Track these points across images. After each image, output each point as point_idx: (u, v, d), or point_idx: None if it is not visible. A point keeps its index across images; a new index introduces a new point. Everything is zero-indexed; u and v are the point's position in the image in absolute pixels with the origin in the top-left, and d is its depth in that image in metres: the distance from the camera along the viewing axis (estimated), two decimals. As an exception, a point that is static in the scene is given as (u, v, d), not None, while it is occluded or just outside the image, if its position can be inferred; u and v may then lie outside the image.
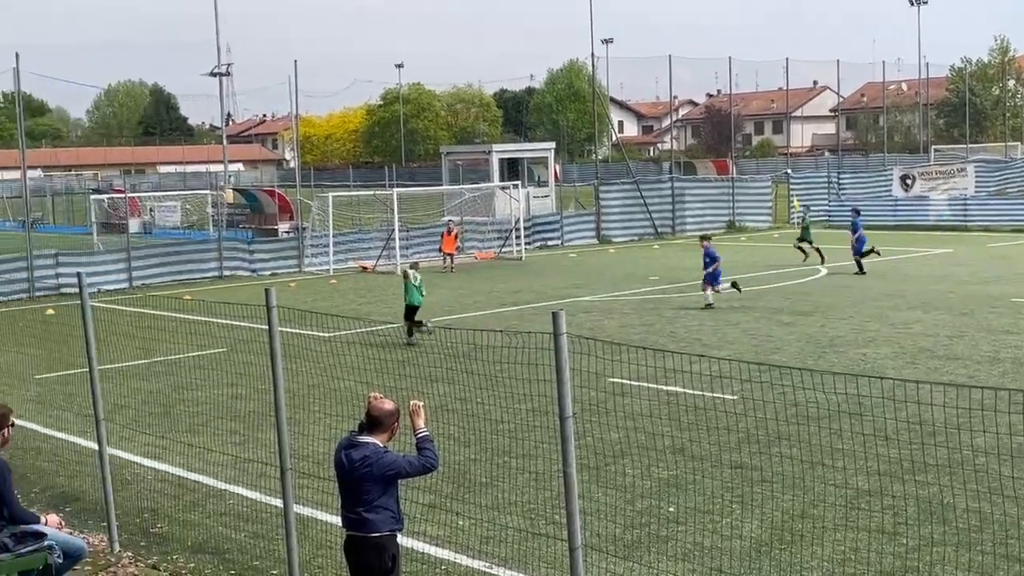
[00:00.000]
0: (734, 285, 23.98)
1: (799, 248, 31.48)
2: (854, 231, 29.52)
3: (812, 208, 48.57)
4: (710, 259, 23.66)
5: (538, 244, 40.41)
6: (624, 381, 14.59)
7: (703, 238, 25.13)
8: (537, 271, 32.72)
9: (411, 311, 20.41)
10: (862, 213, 31.59)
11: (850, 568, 8.76)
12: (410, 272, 20.95)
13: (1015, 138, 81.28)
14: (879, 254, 29.96)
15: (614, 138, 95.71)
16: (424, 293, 20.78)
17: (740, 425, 12.56)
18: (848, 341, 19.10)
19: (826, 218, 47.75)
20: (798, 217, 47.07)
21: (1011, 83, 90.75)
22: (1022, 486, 10.02)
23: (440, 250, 34.26)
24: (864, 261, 28.98)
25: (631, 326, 21.55)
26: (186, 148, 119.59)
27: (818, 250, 31.07)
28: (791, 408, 12.40)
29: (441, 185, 47.84)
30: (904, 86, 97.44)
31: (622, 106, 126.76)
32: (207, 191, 53.75)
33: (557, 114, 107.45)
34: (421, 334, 19.99)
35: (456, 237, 34.25)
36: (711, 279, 23.61)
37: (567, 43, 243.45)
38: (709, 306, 23.21)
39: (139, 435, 13.47)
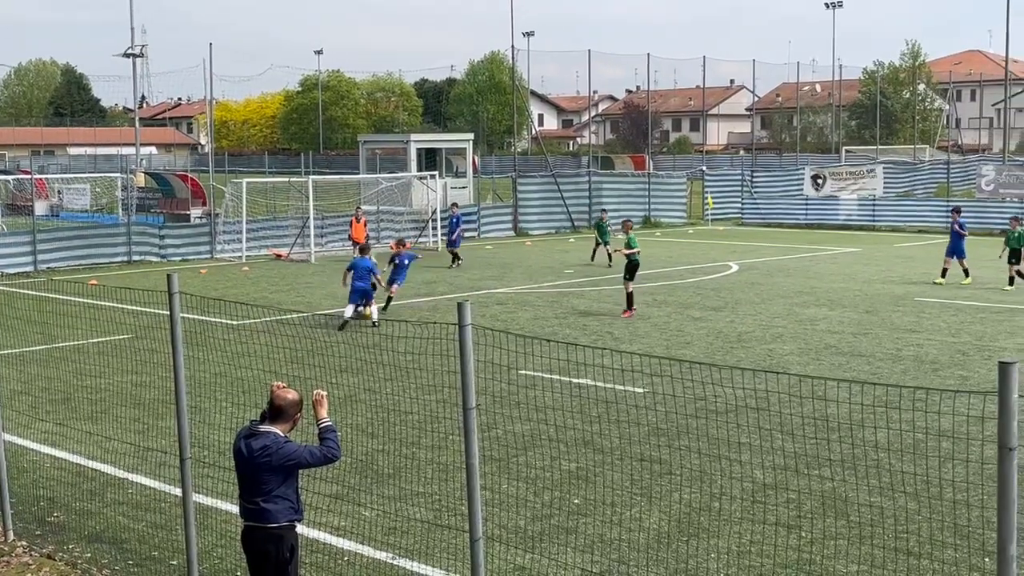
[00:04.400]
0: None
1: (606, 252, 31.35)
2: (456, 226, 31.95)
3: (726, 205, 49.34)
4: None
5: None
6: (534, 373, 14.61)
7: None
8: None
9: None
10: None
11: (749, 560, 8.89)
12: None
13: (924, 141, 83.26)
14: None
15: (533, 131, 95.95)
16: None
17: (647, 418, 12.67)
18: (756, 337, 19.38)
19: (739, 216, 48.45)
20: (707, 212, 47.71)
21: (921, 87, 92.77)
22: (918, 482, 10.24)
23: (350, 238, 33.98)
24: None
25: (544, 319, 21.62)
26: (98, 130, 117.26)
27: (609, 254, 30.92)
28: (697, 402, 12.54)
29: (358, 174, 47.51)
30: (818, 87, 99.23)
31: (543, 99, 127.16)
32: (117, 174, 52.64)
33: (477, 105, 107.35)
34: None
35: (365, 225, 33.94)
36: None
37: (490, 34, 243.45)
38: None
39: (37, 422, 13.15)
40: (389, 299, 22.10)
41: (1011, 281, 25.32)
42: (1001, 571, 5.05)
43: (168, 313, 8.25)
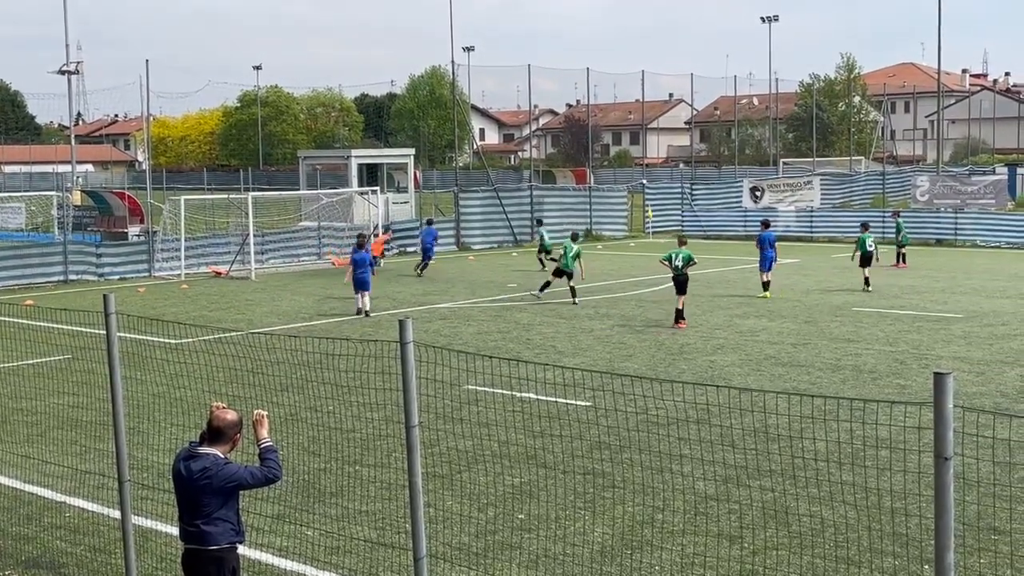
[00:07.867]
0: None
1: (552, 260, 31.73)
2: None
3: (666, 217, 49.70)
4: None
5: (397, 250, 40.23)
6: (478, 388, 14.60)
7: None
8: (395, 277, 32.56)
9: (560, 273, 25.89)
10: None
11: (692, 572, 8.93)
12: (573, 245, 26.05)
13: (860, 152, 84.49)
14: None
15: (475, 146, 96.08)
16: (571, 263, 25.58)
17: (591, 432, 12.70)
18: (697, 349, 19.52)
19: (679, 228, 48.81)
20: (648, 225, 48.06)
21: (856, 99, 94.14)
22: (858, 491, 10.36)
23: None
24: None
25: (488, 333, 21.61)
26: (33, 148, 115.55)
27: (543, 264, 33.18)
28: (640, 415, 12.59)
29: (298, 190, 47.25)
30: (755, 100, 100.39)
31: (484, 114, 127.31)
32: (53, 192, 51.88)
33: (418, 120, 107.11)
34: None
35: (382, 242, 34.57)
36: None
37: (430, 49, 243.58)
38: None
39: (-28, 446, 12.89)
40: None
41: (866, 282, 27.40)
42: (939, 579, 5.12)
43: (105, 333, 8.15)
